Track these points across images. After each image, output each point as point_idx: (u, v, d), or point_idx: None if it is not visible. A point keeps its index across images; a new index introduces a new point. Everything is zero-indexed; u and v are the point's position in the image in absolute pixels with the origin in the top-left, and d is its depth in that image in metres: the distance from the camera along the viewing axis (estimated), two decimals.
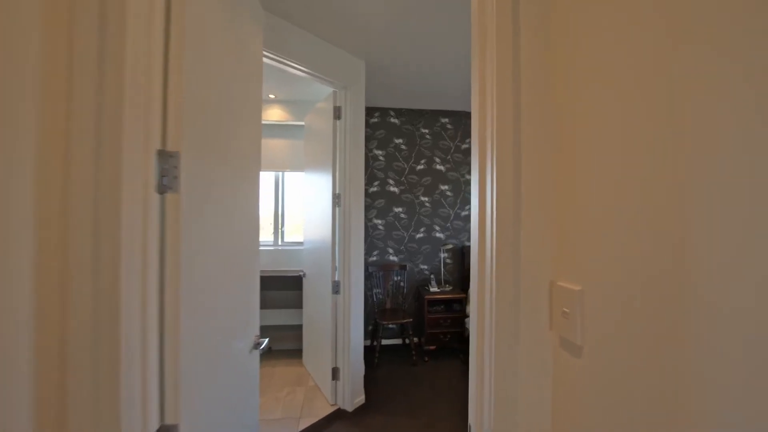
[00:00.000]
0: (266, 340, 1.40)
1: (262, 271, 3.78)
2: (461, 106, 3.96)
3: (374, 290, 3.82)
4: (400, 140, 3.99)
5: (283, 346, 3.74)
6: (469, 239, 4.13)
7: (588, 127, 0.63)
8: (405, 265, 3.88)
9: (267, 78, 3.17)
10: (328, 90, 2.92)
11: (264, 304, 3.57)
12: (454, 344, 3.59)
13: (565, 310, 0.68)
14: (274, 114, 3.74)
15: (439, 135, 4.05)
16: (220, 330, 1.06)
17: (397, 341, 3.97)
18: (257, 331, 1.39)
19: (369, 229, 3.93)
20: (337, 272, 2.67)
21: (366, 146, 3.90)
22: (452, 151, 4.07)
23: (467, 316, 3.64)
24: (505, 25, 0.75)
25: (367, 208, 3.92)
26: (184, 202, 0.82)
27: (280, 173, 4.01)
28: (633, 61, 0.53)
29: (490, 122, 0.77)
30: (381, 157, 3.95)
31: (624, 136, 0.55)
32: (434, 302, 3.63)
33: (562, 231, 0.71)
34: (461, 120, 4.08)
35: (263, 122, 3.76)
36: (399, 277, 3.97)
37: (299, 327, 3.59)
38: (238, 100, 1.21)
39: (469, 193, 4.12)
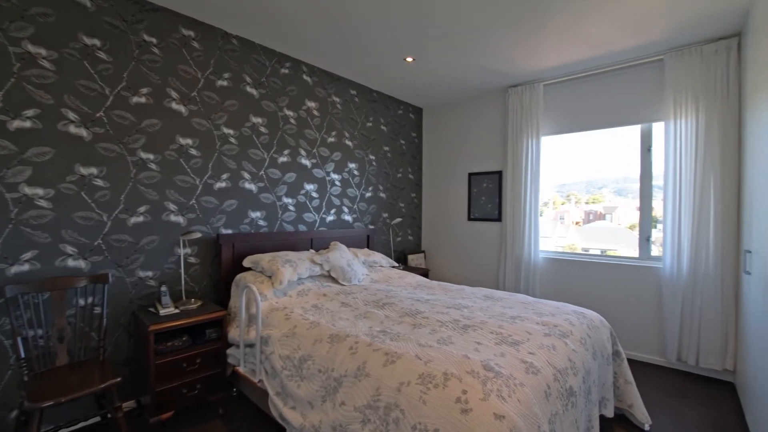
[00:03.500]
0: None
1: None
2: (217, 21, 2.54)
3: (24, 334, 1.81)
4: (96, 42, 2.13)
5: None
6: (228, 225, 2.75)
7: None
8: (105, 275, 2.07)
9: None
10: None
11: None
12: (208, 396, 2.17)
13: None
14: None
15: (179, 55, 2.47)
16: None
17: (92, 421, 2.10)
18: None
19: (9, 206, 1.87)
20: None
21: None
22: (201, 86, 2.58)
23: (232, 345, 2.29)
24: None
25: (4, 159, 1.85)
26: None
27: None
28: None
29: None
30: (46, 64, 1.96)
31: None
32: (168, 334, 2.08)
33: None
34: (217, 41, 2.65)
35: None
36: (90, 299, 2.12)
37: None
38: None
39: (228, 155, 2.74)
